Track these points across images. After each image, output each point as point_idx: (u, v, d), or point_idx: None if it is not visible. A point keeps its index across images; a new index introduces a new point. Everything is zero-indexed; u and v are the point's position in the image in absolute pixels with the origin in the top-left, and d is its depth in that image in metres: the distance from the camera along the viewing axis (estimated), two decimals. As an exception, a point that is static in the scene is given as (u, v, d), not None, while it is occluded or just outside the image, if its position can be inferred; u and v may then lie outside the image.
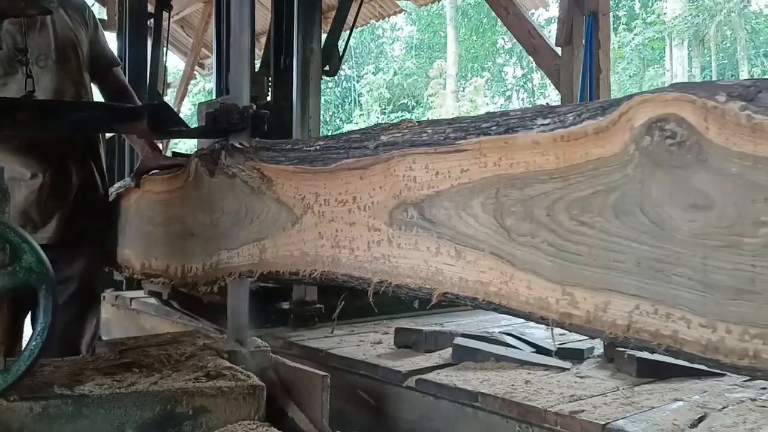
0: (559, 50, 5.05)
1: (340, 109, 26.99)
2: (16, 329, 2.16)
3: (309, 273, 1.65)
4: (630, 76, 20.92)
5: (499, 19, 6.46)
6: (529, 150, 1.19)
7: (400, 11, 8.57)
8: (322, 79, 2.68)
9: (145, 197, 2.37)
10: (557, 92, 5.43)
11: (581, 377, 1.90)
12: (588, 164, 1.11)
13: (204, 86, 21.01)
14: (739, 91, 0.93)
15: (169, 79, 8.57)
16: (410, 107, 24.94)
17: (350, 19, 3.42)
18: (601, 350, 2.18)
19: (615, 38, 19.64)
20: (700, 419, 1.56)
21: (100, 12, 7.27)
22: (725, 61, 20.87)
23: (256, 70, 2.71)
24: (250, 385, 1.73)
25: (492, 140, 1.25)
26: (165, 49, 3.59)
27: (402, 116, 23.53)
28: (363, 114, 24.69)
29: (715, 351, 0.95)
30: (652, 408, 1.64)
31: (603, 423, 1.54)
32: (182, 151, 2.59)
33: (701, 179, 0.96)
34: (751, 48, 20.28)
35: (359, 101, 25.71)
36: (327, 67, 2.77)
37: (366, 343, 2.34)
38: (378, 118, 24.01)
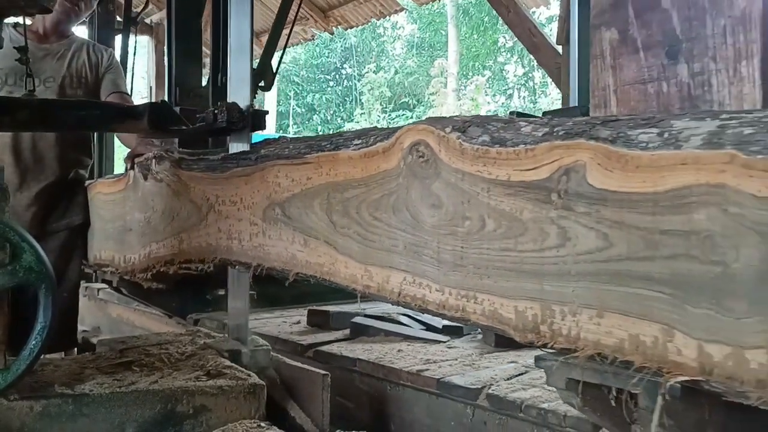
0: (560, 48, 5.16)
1: (341, 108, 27.39)
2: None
3: (212, 260, 2.08)
4: (631, 75, 21.11)
5: (500, 18, 6.57)
6: (347, 163, 1.61)
7: (401, 10, 8.73)
8: (256, 94, 3.10)
9: (96, 197, 2.81)
10: (558, 90, 5.58)
11: (448, 348, 2.31)
12: (379, 175, 1.53)
13: (203, 86, 21.43)
14: (458, 125, 1.35)
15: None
16: (411, 106, 25.29)
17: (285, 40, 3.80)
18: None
19: (616, 36, 19.86)
20: (518, 375, 1.97)
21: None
22: (726, 60, 21.04)
23: (203, 85, 3.14)
24: (251, 384, 1.79)
25: (325, 155, 1.67)
26: (133, 62, 4.03)
27: (403, 115, 23.96)
28: (364, 113, 25.09)
29: (443, 307, 1.37)
30: (487, 368, 2.05)
31: (438, 378, 1.95)
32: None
33: (437, 186, 1.38)
34: (753, 46, 20.51)
35: (360, 100, 26.09)
36: (262, 83, 3.20)
37: (286, 324, 2.76)
38: (379, 116, 24.41)
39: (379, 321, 2.55)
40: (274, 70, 3.22)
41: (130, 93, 3.29)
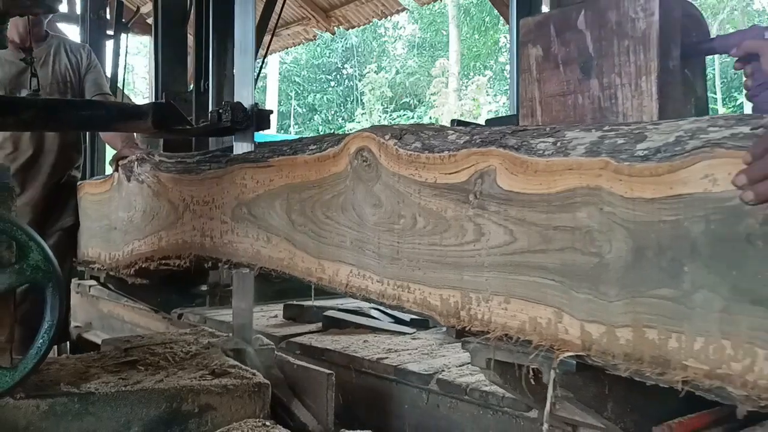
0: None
1: (342, 108, 27.58)
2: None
3: (187, 256, 2.26)
4: (632, 75, 21.28)
5: (501, 18, 6.73)
6: (303, 167, 1.79)
7: (402, 10, 8.75)
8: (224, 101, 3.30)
9: (84, 197, 2.99)
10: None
11: (412, 339, 2.48)
12: (331, 177, 1.70)
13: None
14: (396, 133, 1.53)
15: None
16: (412, 106, 25.46)
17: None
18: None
19: (617, 36, 20.06)
20: (469, 362, 2.12)
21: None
22: (727, 60, 21.24)
23: (188, 90, 3.32)
24: (255, 383, 1.79)
25: (285, 159, 1.85)
26: (124, 69, 4.21)
27: (404, 115, 24.13)
28: (365, 113, 25.27)
29: (382, 296, 1.55)
30: (443, 356, 2.21)
31: (396, 365, 2.13)
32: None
33: (378, 188, 1.55)
34: (754, 46, 20.66)
35: (361, 100, 26.26)
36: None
37: (265, 317, 2.93)
38: (380, 117, 24.59)
39: (350, 314, 2.72)
40: (255, 78, 3.39)
41: (114, 92, 3.43)
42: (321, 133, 25.28)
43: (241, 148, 2.10)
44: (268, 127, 2.19)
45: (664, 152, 1.06)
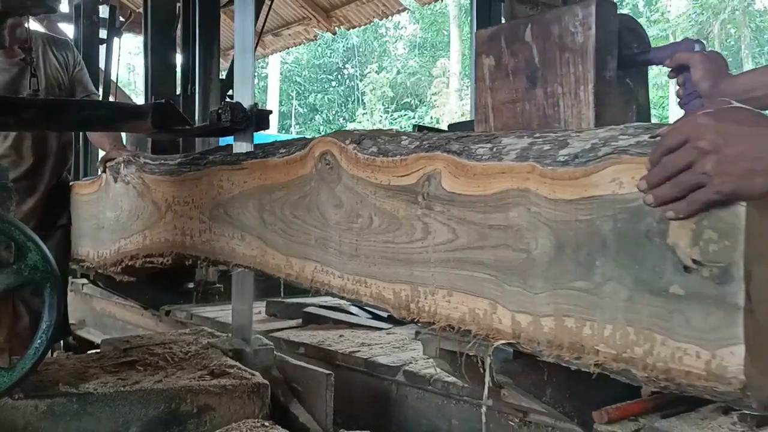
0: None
1: (343, 108, 27.73)
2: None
3: (169, 254, 2.38)
4: (634, 75, 21.35)
5: (502, 18, 6.75)
6: (274, 169, 1.91)
7: (404, 10, 8.85)
8: (224, 100, 3.42)
9: (75, 198, 3.12)
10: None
11: (387, 334, 2.60)
12: (298, 179, 1.82)
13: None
14: (355, 138, 1.65)
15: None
16: (413, 106, 25.59)
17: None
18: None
19: (619, 36, 20.17)
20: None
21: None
22: (729, 59, 21.23)
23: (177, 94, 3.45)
24: (254, 384, 1.80)
25: (257, 162, 1.97)
26: (117, 71, 4.34)
27: (405, 115, 24.28)
28: (366, 113, 25.44)
29: (343, 291, 1.67)
30: (413, 350, 2.33)
31: (366, 358, 2.25)
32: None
33: (339, 189, 1.68)
34: (756, 46, 20.76)
35: (362, 100, 26.43)
36: (231, 91, 3.49)
37: (248, 314, 3.06)
38: (381, 117, 24.75)
39: (329, 311, 2.84)
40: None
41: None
42: (321, 132, 25.45)
43: (240, 148, 2.13)
44: (268, 127, 2.21)
45: (581, 158, 1.18)
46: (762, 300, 1.00)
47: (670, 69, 1.56)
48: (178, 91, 3.34)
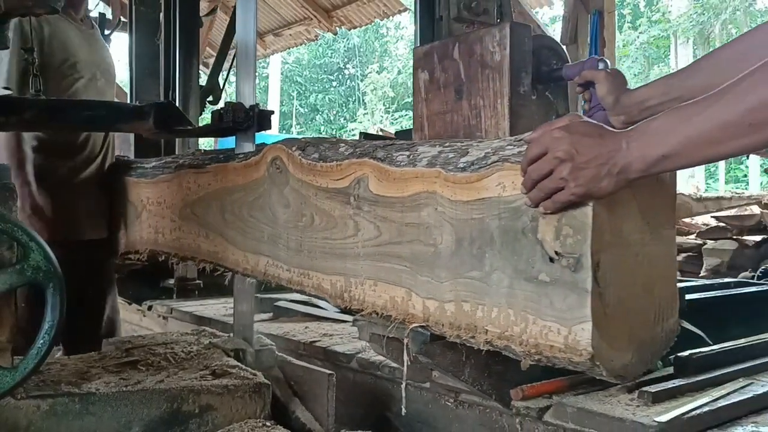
0: (564, 48, 5.41)
1: (344, 108, 27.96)
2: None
3: (144, 251, 2.60)
4: (635, 75, 21.56)
5: None
6: (233, 172, 2.12)
7: (404, 10, 8.98)
8: (205, 107, 3.64)
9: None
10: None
11: (351, 326, 2.80)
12: (253, 182, 2.03)
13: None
14: (301, 145, 1.86)
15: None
16: (414, 106, 25.73)
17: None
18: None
19: (620, 36, 20.34)
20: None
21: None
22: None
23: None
24: (256, 384, 1.83)
25: (220, 166, 2.18)
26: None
27: (406, 115, 24.47)
28: (367, 113, 25.66)
29: (290, 283, 1.88)
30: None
31: (325, 347, 2.46)
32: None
33: (287, 191, 1.89)
34: (757, 46, 20.87)
35: (363, 100, 26.65)
36: (211, 98, 3.71)
37: (224, 308, 3.27)
38: (382, 116, 24.97)
39: (298, 304, 3.05)
40: (221, 87, 3.74)
41: None
42: (323, 133, 25.75)
43: (242, 148, 2.17)
44: (269, 128, 2.25)
45: (476, 165, 1.38)
46: (611, 285, 1.21)
47: (578, 85, 1.77)
48: (161, 97, 3.55)
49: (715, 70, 1.46)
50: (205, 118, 3.12)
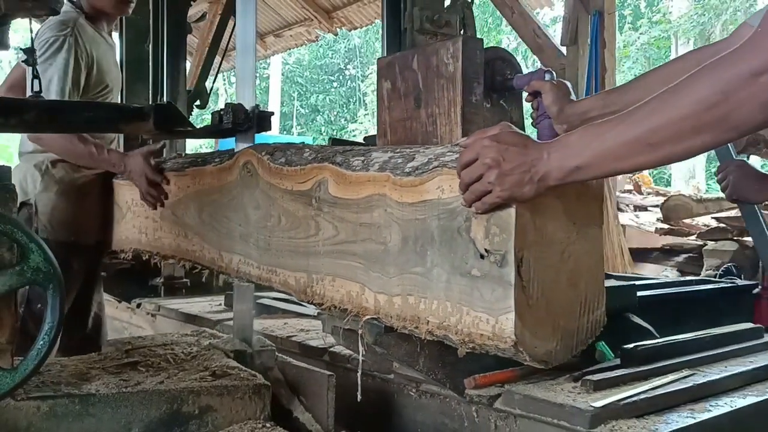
0: (564, 50, 5.39)
1: (344, 108, 28.10)
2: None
3: (129, 249, 2.74)
4: (635, 76, 21.58)
5: (504, 19, 6.74)
6: (210, 175, 2.26)
7: None
8: (192, 111, 3.79)
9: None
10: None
11: (316, 320, 2.95)
12: (228, 184, 2.17)
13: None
14: (270, 150, 2.00)
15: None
16: (415, 107, 25.84)
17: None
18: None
19: (620, 37, 20.43)
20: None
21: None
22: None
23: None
24: (256, 385, 1.85)
25: (196, 169, 2.32)
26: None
27: (406, 117, 24.55)
28: (368, 114, 25.79)
29: (260, 279, 2.01)
30: (344, 337, 2.68)
31: (300, 341, 2.60)
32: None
33: (258, 193, 2.03)
34: (758, 47, 20.96)
35: (364, 101, 26.77)
36: (198, 102, 3.86)
37: (209, 306, 3.41)
38: (383, 118, 25.05)
39: (280, 302, 3.19)
40: (209, 91, 3.89)
41: None
42: (323, 133, 25.94)
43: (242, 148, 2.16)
44: (269, 129, 2.28)
45: (420, 169, 1.52)
46: (535, 279, 1.35)
47: (527, 94, 1.90)
48: (150, 102, 3.69)
49: (645, 91, 1.58)
50: (194, 123, 3.26)
